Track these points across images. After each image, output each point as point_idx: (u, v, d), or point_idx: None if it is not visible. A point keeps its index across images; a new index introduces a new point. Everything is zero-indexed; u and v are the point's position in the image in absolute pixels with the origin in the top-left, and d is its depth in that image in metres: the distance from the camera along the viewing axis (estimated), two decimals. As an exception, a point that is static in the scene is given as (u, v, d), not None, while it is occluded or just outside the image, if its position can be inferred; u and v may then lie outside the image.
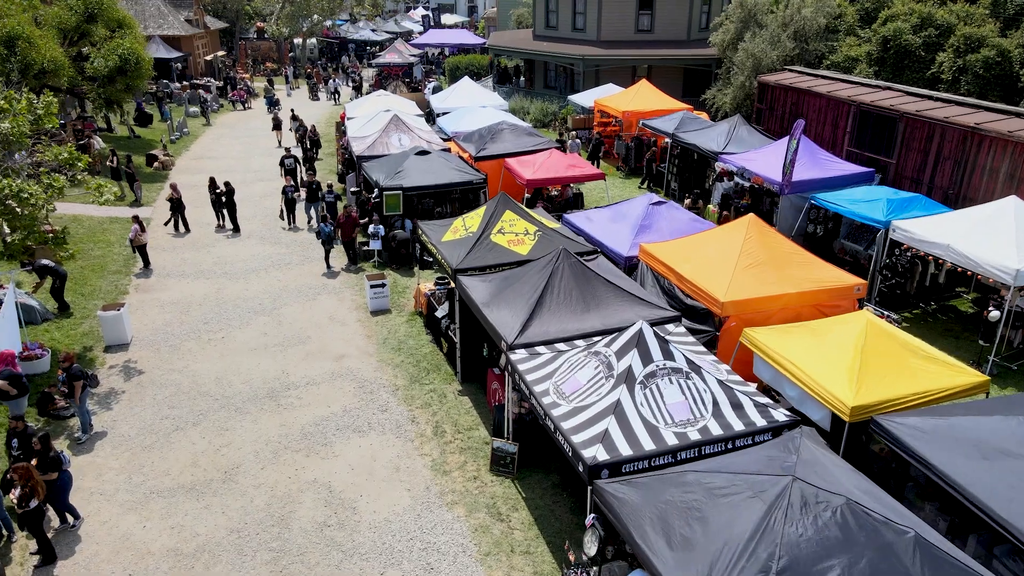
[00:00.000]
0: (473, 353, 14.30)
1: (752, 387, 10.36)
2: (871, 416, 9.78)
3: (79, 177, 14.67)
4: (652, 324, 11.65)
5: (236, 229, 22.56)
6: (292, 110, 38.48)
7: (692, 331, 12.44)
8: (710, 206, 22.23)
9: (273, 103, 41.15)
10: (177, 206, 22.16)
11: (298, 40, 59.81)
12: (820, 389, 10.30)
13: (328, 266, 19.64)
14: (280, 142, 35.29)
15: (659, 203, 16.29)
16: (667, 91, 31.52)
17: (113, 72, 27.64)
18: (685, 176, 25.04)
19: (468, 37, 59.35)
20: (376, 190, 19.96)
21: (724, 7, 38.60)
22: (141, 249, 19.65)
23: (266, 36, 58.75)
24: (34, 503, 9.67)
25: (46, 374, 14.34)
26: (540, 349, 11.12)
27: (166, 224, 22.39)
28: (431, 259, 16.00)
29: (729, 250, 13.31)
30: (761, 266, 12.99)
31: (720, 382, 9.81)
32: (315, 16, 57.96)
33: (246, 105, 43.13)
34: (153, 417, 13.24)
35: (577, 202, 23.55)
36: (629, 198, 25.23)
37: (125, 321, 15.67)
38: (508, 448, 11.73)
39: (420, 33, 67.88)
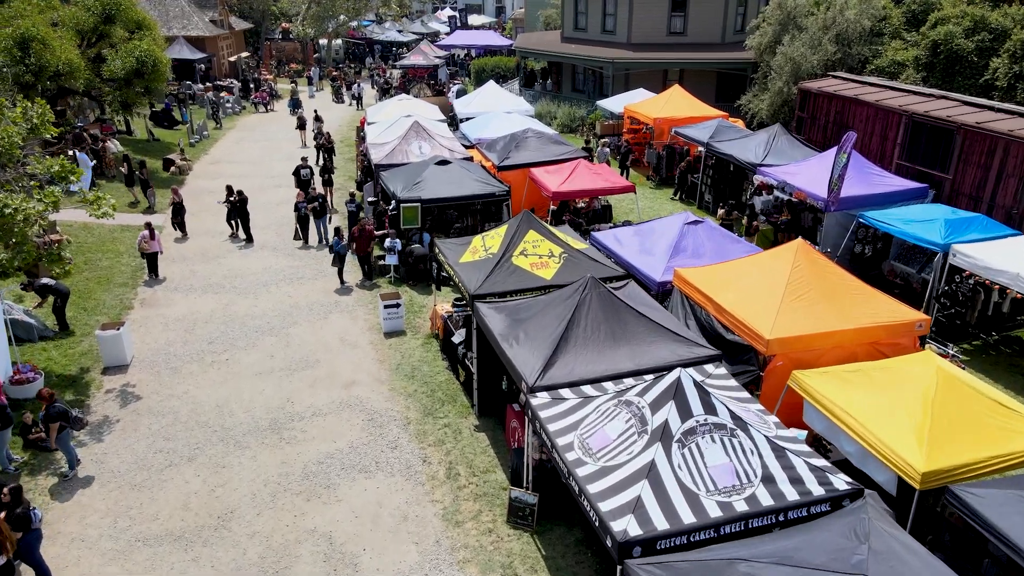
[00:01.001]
0: (491, 385, 13.19)
1: (803, 444, 9.11)
2: (945, 485, 8.49)
3: (76, 190, 13.80)
4: (690, 363, 10.52)
5: (249, 239, 21.70)
6: (316, 111, 37.78)
7: (733, 371, 11.22)
8: (760, 225, 20.86)
9: (296, 105, 40.43)
10: (178, 211, 21.37)
11: (323, 41, 59.22)
12: (885, 449, 9.02)
13: (342, 281, 18.66)
14: (305, 142, 34.86)
15: (695, 222, 15.03)
16: (700, 96, 30.16)
17: (130, 74, 27.01)
18: (720, 188, 23.70)
19: (495, 39, 58.33)
20: (393, 202, 18.94)
21: (761, 9, 37.10)
22: (149, 257, 18.90)
23: (291, 37, 58.22)
24: (2, 559, 8.75)
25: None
26: (564, 393, 9.97)
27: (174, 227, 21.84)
28: (447, 275, 14.96)
29: (775, 279, 12.04)
30: (811, 298, 11.71)
31: (769, 440, 8.58)
32: (341, 17, 57.30)
33: (268, 107, 42.47)
34: (146, 450, 12.31)
35: (605, 215, 22.34)
36: (659, 209, 24.22)
37: (124, 341, 14.80)
38: (527, 499, 10.60)
39: (446, 34, 67.00)
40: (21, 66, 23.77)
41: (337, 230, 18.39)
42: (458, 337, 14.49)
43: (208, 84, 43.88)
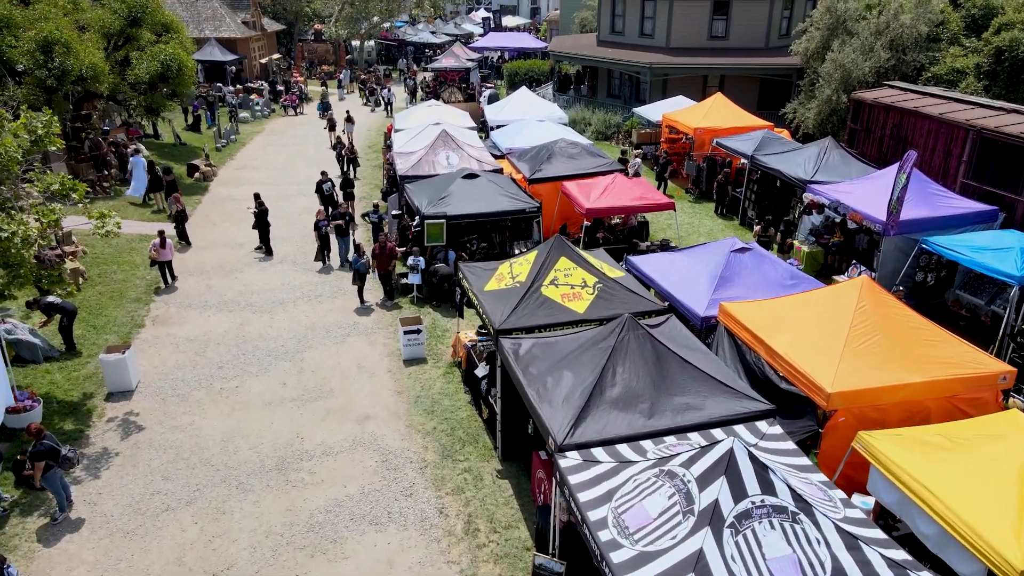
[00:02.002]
0: (516, 426, 12.08)
1: (877, 530, 7.83)
2: (1051, 587, 7.16)
3: (80, 205, 13.02)
4: (740, 420, 9.30)
5: (268, 252, 20.88)
6: (347, 111, 37.15)
7: (788, 427, 9.96)
8: (795, 242, 19.46)
9: (326, 108, 39.77)
10: (179, 219, 20.78)
11: (356, 42, 58.68)
12: (971, 535, 7.71)
13: (362, 301, 17.70)
14: (333, 143, 34.17)
15: (742, 250, 13.74)
16: (741, 103, 28.71)
17: (154, 78, 26.45)
18: (764, 204, 22.27)
19: (529, 41, 57.23)
20: (417, 217, 17.93)
21: (808, 13, 35.46)
22: (161, 266, 18.42)
23: (324, 38, 57.77)
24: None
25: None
26: (597, 454, 8.81)
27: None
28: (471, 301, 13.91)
29: (836, 321, 10.73)
30: (878, 344, 10.38)
31: (838, 526, 7.32)
32: (374, 18, 56.70)
33: (298, 110, 41.88)
34: (143, 491, 11.42)
35: (641, 231, 21.08)
36: (698, 225, 22.86)
37: (129, 366, 13.98)
38: (554, 567, 9.45)
39: (480, 36, 66.07)
40: (44, 70, 23.29)
41: (358, 247, 17.42)
42: (482, 371, 13.40)
43: (239, 86, 43.47)
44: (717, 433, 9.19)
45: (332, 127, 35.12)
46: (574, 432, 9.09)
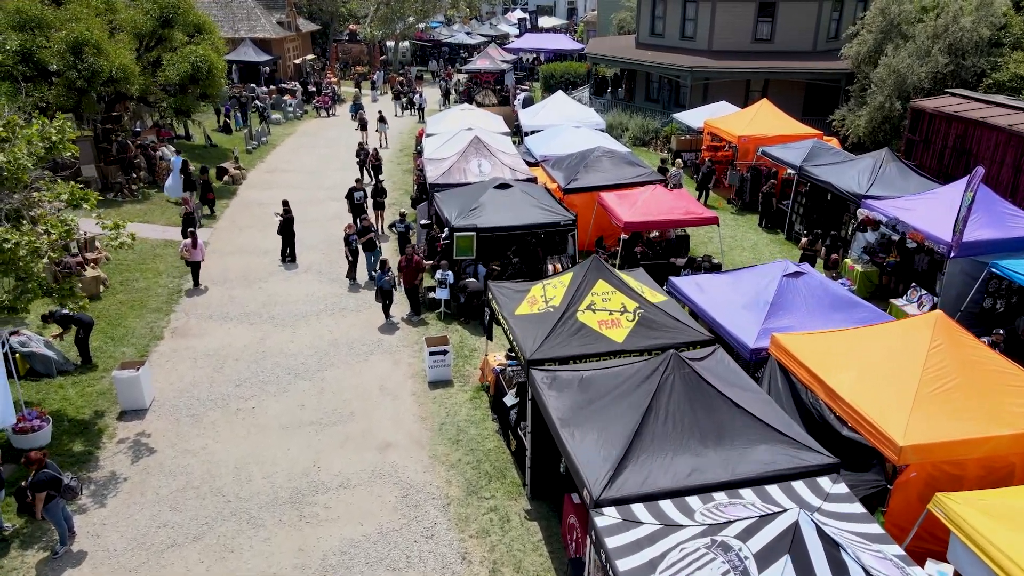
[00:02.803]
0: (547, 463, 11.17)
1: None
2: None
3: (95, 215, 12.44)
4: (800, 475, 8.28)
5: (292, 258, 20.25)
6: (380, 111, 36.71)
7: (850, 479, 8.90)
8: (848, 260, 18.25)
9: (358, 109, 39.30)
10: (189, 221, 20.32)
11: (390, 43, 58.24)
12: (1079, 630, 6.61)
13: (387, 317, 16.91)
14: (366, 143, 33.70)
15: (796, 274, 12.64)
16: (785, 109, 27.35)
17: (184, 80, 26.06)
18: (812, 218, 21.02)
19: (565, 42, 56.24)
20: (446, 229, 17.12)
21: (858, 15, 33.94)
22: (192, 266, 18.31)
23: (358, 38, 57.43)
24: None
25: (43, 449, 12.13)
26: (639, 512, 7.86)
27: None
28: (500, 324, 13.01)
29: (907, 361, 9.63)
30: (956, 390, 9.26)
31: (922, 617, 6.30)
32: (410, 18, 56.19)
33: (330, 112, 41.46)
34: (149, 523, 10.76)
35: (681, 246, 20.01)
36: (741, 239, 21.63)
37: (143, 383, 13.38)
38: (586, 632, 8.54)
39: (516, 37, 65.21)
40: (74, 71, 23.01)
41: (382, 263, 16.60)
42: (510, 399, 12.51)
43: (272, 87, 43.21)
44: (773, 491, 8.19)
45: (363, 127, 34.80)
46: (612, 484, 8.15)
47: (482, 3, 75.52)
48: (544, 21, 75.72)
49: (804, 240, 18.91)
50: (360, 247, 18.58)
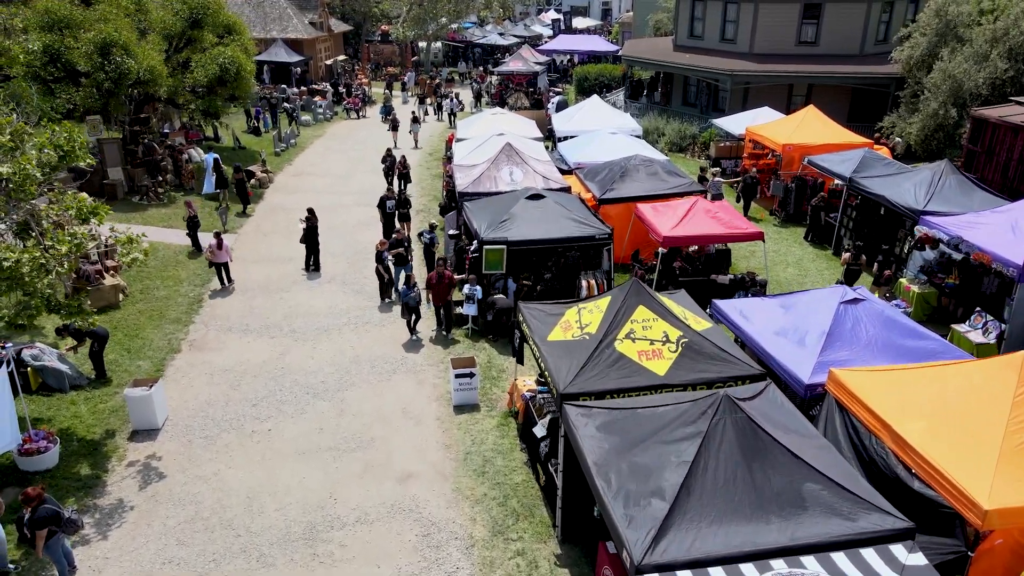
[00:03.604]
0: (580, 504, 10.29)
1: None
2: None
3: (110, 228, 11.87)
4: (871, 540, 7.31)
5: (316, 267, 19.61)
6: (413, 112, 36.25)
7: (924, 543, 7.88)
8: (903, 280, 17.07)
9: (388, 112, 38.77)
10: (191, 224, 20.03)
11: (422, 44, 57.73)
12: None
13: (411, 333, 16.13)
14: (396, 143, 33.66)
15: (854, 301, 11.57)
16: (829, 115, 26.01)
17: (212, 82, 25.66)
18: (863, 232, 19.80)
19: (600, 44, 55.19)
20: (475, 242, 16.32)
21: (907, 17, 32.51)
22: (217, 267, 18.12)
23: (390, 39, 57.00)
24: None
25: (49, 472, 11.60)
26: (686, 581, 6.96)
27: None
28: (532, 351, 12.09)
29: (988, 409, 8.56)
30: (1047, 444, 8.18)
31: None
32: (442, 19, 55.62)
33: (360, 114, 40.97)
34: (154, 560, 10.09)
35: (721, 261, 18.97)
36: (785, 254, 20.37)
37: (156, 402, 12.77)
38: None
39: (549, 38, 64.29)
40: (101, 73, 22.68)
41: (407, 278, 15.82)
42: (540, 430, 11.63)
43: (303, 88, 42.87)
44: (839, 560, 7.23)
45: (395, 127, 34.40)
46: (656, 547, 7.24)
47: (516, 4, 74.71)
48: (578, 22, 74.69)
49: (847, 255, 17.76)
50: (391, 264, 17.66)
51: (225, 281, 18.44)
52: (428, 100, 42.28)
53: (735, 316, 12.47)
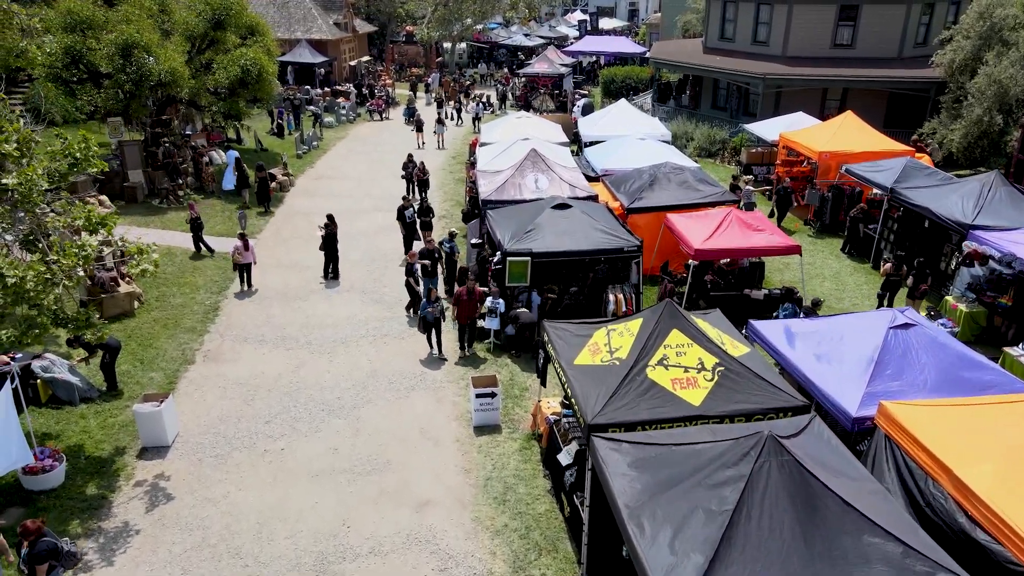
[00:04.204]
0: (607, 541, 9.63)
1: None
2: None
3: (120, 242, 11.43)
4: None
5: (335, 275, 19.13)
6: (439, 113, 35.88)
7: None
8: (949, 298, 16.17)
9: (412, 114, 38.36)
10: (195, 227, 19.85)
11: (447, 44, 57.31)
12: None
13: (431, 347, 15.50)
14: (420, 144, 33.54)
15: (904, 326, 10.77)
16: (865, 120, 25.01)
17: (234, 84, 25.33)
18: (905, 245, 18.88)
19: (627, 45, 54.37)
20: (498, 253, 15.71)
21: (949, 19, 31.37)
22: (242, 268, 17.99)
23: (415, 40, 56.63)
24: None
25: (55, 492, 11.18)
26: (728, 650, 6.28)
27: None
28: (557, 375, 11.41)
29: (1062, 455, 7.76)
30: None
31: None
32: (467, 19, 55.13)
33: (384, 115, 40.57)
34: (157, 590, 9.63)
35: (754, 274, 18.19)
36: (821, 266, 19.41)
37: (166, 419, 12.31)
38: None
39: (575, 39, 63.55)
40: (123, 74, 22.43)
41: (428, 291, 15.22)
42: (565, 457, 10.99)
43: (326, 89, 42.58)
44: (900, 626, 6.50)
45: (420, 128, 34.10)
46: (694, 606, 6.58)
47: (541, 4, 74.05)
48: (604, 23, 73.85)
49: (887, 264, 16.89)
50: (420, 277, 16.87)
51: (247, 284, 18.31)
52: (451, 103, 41.68)
53: (774, 338, 11.72)
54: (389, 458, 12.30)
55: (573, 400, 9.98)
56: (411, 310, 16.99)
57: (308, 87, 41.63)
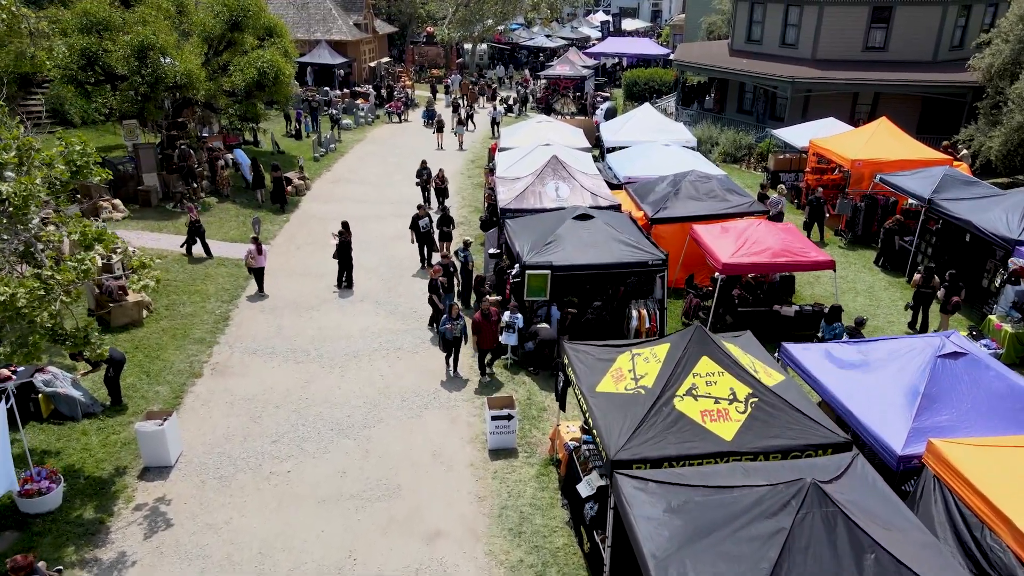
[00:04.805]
0: (629, 583, 8.98)
1: None
2: None
3: (119, 254, 10.96)
4: None
5: (349, 284, 18.61)
6: (457, 115, 35.37)
7: None
8: (993, 318, 15.30)
9: (431, 116, 37.86)
10: (194, 230, 19.43)
11: (467, 45, 56.77)
12: None
13: (453, 370, 14.72)
14: (440, 145, 33.28)
15: (954, 354, 9.99)
16: (897, 126, 24.03)
17: (250, 86, 24.94)
18: (943, 259, 17.99)
19: (650, 47, 53.53)
20: (517, 266, 15.08)
21: (986, 21, 30.28)
22: (256, 272, 17.86)
23: (435, 41, 56.18)
24: None
25: (51, 515, 10.72)
26: None
27: (181, 247, 19.96)
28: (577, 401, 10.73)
29: None
30: None
31: None
32: (488, 20, 54.55)
33: (403, 117, 40.10)
34: (152, 626, 9.11)
35: (784, 288, 17.42)
36: (854, 280, 18.46)
37: (168, 438, 11.82)
38: None
39: (597, 40, 62.75)
40: (138, 76, 22.09)
41: (449, 308, 14.45)
42: (586, 488, 10.33)
43: (345, 90, 42.20)
44: None
45: (440, 129, 33.71)
46: None
47: (563, 5, 73.30)
48: (627, 24, 72.97)
49: (917, 276, 16.05)
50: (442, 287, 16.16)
51: (261, 287, 18.17)
52: (464, 106, 40.73)
53: (810, 364, 10.99)
54: (399, 483, 11.72)
55: (595, 432, 9.33)
56: (434, 325, 16.29)
57: (327, 88, 41.28)
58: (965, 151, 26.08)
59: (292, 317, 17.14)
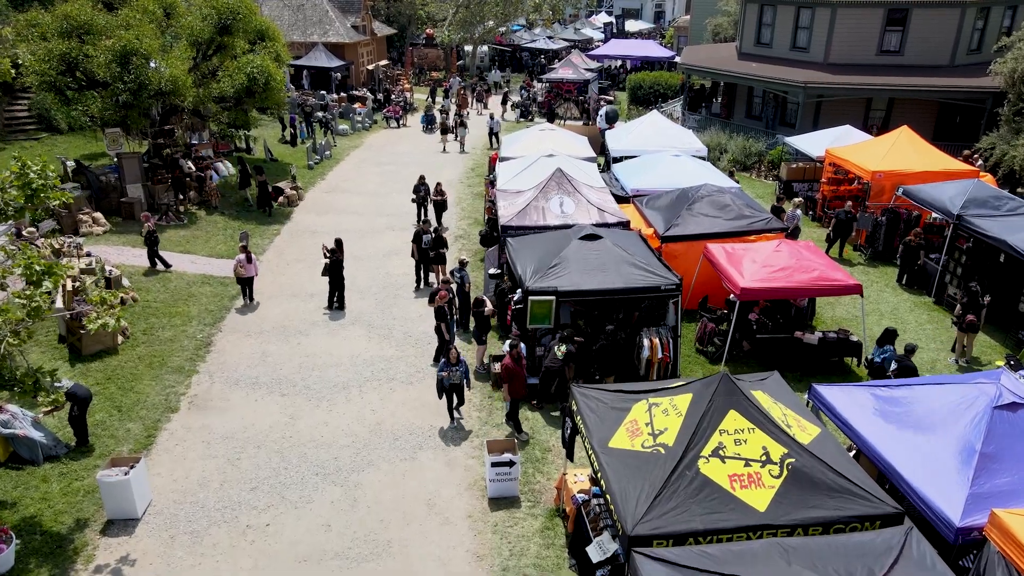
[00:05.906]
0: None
1: None
2: None
3: (87, 296, 9.87)
4: None
5: (340, 306, 17.50)
6: (460, 115, 34.42)
7: None
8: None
9: (431, 121, 36.77)
10: (149, 239, 18.47)
11: (468, 47, 55.65)
12: None
13: (452, 417, 13.21)
14: (445, 148, 32.59)
15: (1013, 405, 8.86)
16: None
17: (240, 93, 23.84)
18: (973, 278, 16.84)
19: (654, 49, 52.41)
20: (519, 291, 13.97)
21: (1006, 23, 29.15)
22: (244, 282, 17.48)
23: (435, 43, 55.07)
24: None
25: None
26: None
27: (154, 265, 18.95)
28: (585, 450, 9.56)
29: None
30: None
31: None
32: (489, 22, 53.42)
33: (401, 123, 38.99)
34: None
35: (804, 311, 16.29)
36: (877, 300, 17.00)
37: (135, 488, 10.71)
38: None
39: (600, 42, 61.62)
40: (120, 83, 20.99)
41: (447, 349, 13.01)
42: (596, 553, 9.19)
43: (342, 94, 41.08)
44: None
45: (444, 131, 33.03)
46: None
47: (566, 6, 72.16)
48: (630, 25, 71.82)
49: (959, 307, 15.00)
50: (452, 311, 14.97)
51: (250, 298, 17.66)
52: (463, 111, 39.48)
53: (844, 409, 9.86)
54: (389, 538, 10.61)
55: (608, 497, 8.22)
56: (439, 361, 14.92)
57: (324, 92, 40.15)
58: (981, 161, 24.94)
59: (278, 343, 16.02)
